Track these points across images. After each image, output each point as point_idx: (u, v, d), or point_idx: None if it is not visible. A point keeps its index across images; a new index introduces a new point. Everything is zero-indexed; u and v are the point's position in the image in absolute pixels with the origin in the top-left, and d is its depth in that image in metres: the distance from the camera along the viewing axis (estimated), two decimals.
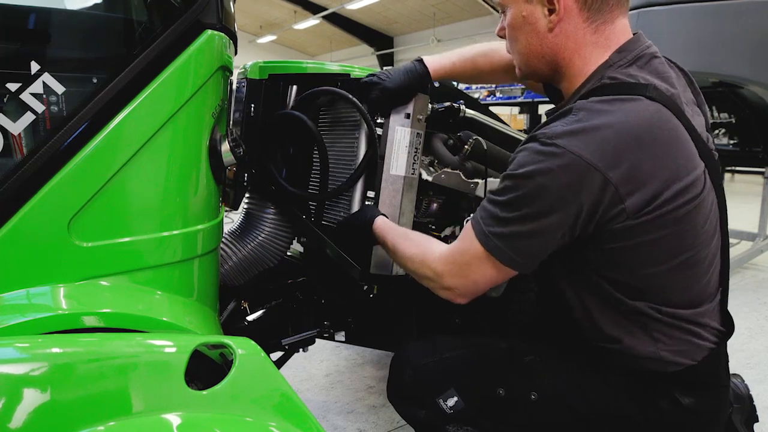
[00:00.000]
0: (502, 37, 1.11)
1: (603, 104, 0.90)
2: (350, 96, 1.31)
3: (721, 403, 1.01)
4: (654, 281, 0.94)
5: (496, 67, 1.39)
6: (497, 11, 1.11)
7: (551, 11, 0.97)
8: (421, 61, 1.32)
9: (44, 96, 0.87)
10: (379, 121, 1.31)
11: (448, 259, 1.02)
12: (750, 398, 1.19)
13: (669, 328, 0.95)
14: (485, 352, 1.12)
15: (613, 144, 0.86)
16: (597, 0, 0.95)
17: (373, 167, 1.31)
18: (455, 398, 1.06)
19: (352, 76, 1.42)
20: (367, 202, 1.32)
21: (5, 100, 0.86)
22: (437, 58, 1.35)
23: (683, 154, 0.91)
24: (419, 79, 1.30)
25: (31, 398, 0.72)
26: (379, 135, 1.30)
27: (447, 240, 1.46)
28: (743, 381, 1.22)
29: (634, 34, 1.00)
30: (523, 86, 10.05)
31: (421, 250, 1.08)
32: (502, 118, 1.97)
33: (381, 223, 1.21)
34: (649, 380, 0.97)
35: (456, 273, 1.00)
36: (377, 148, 1.30)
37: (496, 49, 1.37)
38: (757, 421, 1.18)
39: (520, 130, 2.05)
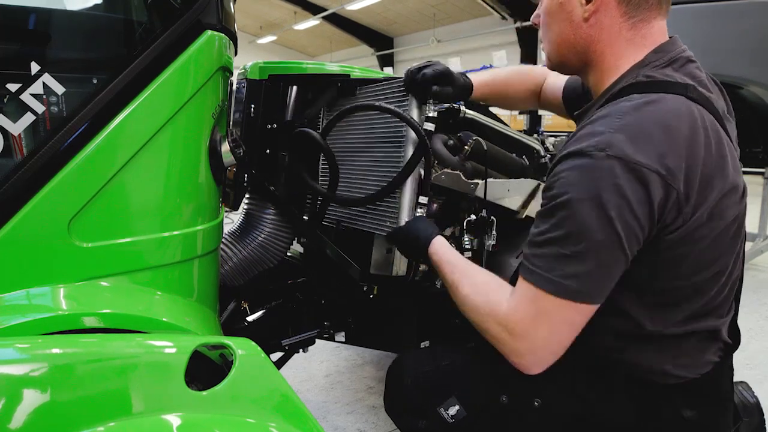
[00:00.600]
0: (537, 24, 1.09)
1: (646, 105, 0.87)
2: (392, 108, 1.25)
3: (725, 416, 0.99)
4: (686, 292, 0.90)
5: (528, 86, 1.42)
6: (498, 12, 1.11)
7: (588, 0, 0.95)
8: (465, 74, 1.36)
9: (44, 96, 0.87)
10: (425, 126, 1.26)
11: (518, 310, 0.91)
12: (759, 410, 1.14)
13: (678, 341, 0.92)
14: (487, 358, 1.05)
15: (668, 144, 0.83)
16: None
17: (428, 172, 1.26)
18: (456, 407, 1.02)
19: (352, 77, 1.42)
20: (419, 210, 1.27)
21: (5, 100, 0.86)
22: (477, 74, 1.39)
23: (728, 155, 0.89)
24: (462, 86, 1.34)
25: (32, 399, 0.72)
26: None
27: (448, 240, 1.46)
28: (751, 389, 1.17)
29: (670, 38, 0.99)
30: None
31: (489, 296, 0.97)
32: (502, 118, 1.97)
33: (438, 247, 1.12)
34: (652, 390, 0.95)
35: (532, 334, 0.90)
36: (429, 151, 1.24)
37: (531, 70, 1.40)
38: None
39: (520, 131, 2.04)
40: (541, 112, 10.55)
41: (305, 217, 1.49)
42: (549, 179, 0.93)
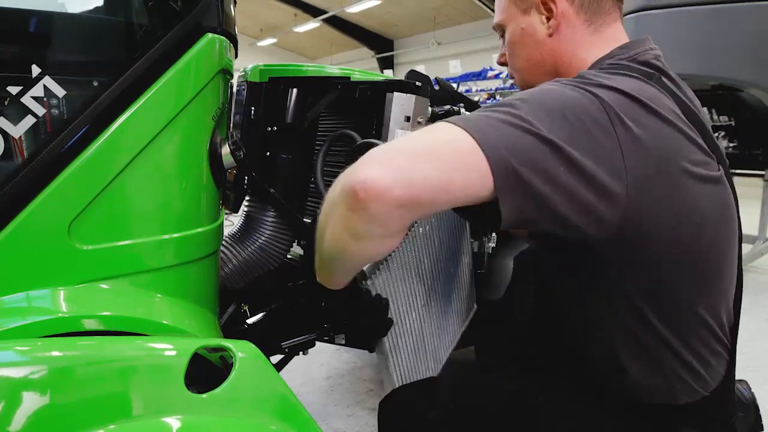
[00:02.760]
0: (503, 63, 1.10)
1: (604, 72, 0.84)
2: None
3: None
4: (684, 290, 0.83)
5: None
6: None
7: (548, 17, 0.98)
8: None
9: (45, 99, 0.87)
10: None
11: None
12: (755, 406, 1.13)
13: (686, 354, 0.87)
14: (494, 398, 1.00)
15: (627, 105, 0.76)
16: (591, 4, 0.95)
17: None
18: None
19: (352, 80, 1.42)
20: None
21: (6, 103, 0.86)
22: None
23: (690, 134, 0.80)
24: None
25: (31, 402, 0.72)
26: None
27: None
28: (749, 387, 1.16)
29: (643, 39, 0.97)
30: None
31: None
32: None
33: None
34: (655, 415, 0.91)
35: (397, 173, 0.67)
36: None
37: None
38: (762, 429, 1.15)
39: None
40: None
41: (306, 220, 1.49)
42: None
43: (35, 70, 0.87)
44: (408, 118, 1.31)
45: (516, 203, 0.69)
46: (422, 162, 0.67)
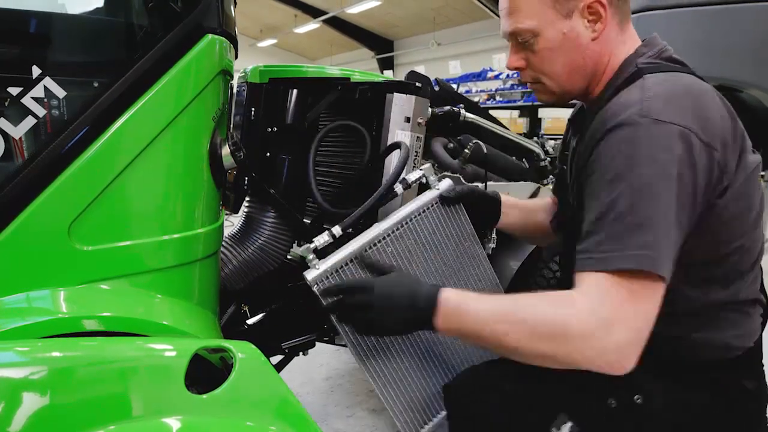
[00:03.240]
0: (519, 68, 1.05)
1: (668, 78, 0.92)
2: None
3: None
4: (729, 261, 0.93)
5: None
6: (498, 16, 1.10)
7: (594, 20, 0.97)
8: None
9: (45, 100, 0.88)
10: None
11: (606, 298, 0.81)
12: None
13: (733, 311, 0.95)
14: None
15: (701, 110, 0.87)
16: (622, 8, 0.99)
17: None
18: (569, 423, 0.92)
19: (352, 80, 1.42)
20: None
21: (6, 104, 0.86)
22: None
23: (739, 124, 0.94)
24: (493, 200, 1.27)
25: (31, 402, 0.72)
26: None
27: None
28: None
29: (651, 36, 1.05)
30: (522, 90, 10.09)
31: (552, 297, 0.86)
32: (502, 121, 1.97)
33: (451, 310, 0.91)
34: (718, 367, 0.96)
35: (632, 317, 0.81)
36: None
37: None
38: None
39: (520, 134, 2.05)
40: (540, 114, 10.57)
41: (306, 220, 1.49)
42: (592, 161, 0.90)
43: (36, 71, 0.87)
44: (408, 119, 1.31)
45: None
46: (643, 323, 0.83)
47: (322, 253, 1.03)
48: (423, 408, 1.10)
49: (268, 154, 1.43)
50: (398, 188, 1.16)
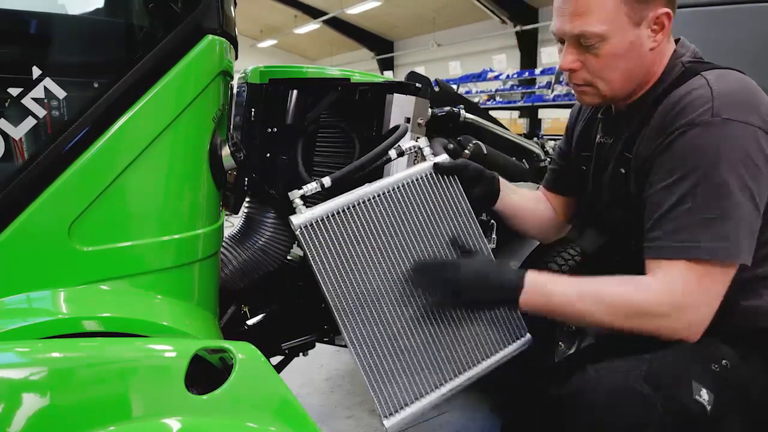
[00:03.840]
0: (574, 68, 1.06)
1: (723, 75, 1.00)
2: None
3: None
4: None
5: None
6: (497, 16, 1.13)
7: (656, 31, 1.02)
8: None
9: (45, 101, 0.88)
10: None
11: (676, 285, 0.93)
12: None
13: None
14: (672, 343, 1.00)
15: (760, 104, 0.96)
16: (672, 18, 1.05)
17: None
18: (704, 390, 0.94)
19: (352, 81, 1.42)
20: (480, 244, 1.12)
21: (7, 104, 0.86)
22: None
23: None
24: (490, 179, 1.25)
25: (31, 403, 0.72)
26: None
27: None
28: None
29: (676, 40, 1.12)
30: (522, 91, 10.08)
31: (628, 281, 0.97)
32: (502, 122, 1.97)
33: (537, 289, 0.99)
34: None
35: (700, 300, 0.93)
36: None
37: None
38: None
39: (520, 135, 2.05)
40: (540, 115, 10.57)
41: None
42: (665, 157, 0.97)
43: (36, 72, 0.87)
44: (408, 120, 1.31)
45: None
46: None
47: (311, 204, 1.05)
48: (406, 384, 1.05)
49: (268, 154, 1.43)
50: (392, 153, 1.15)
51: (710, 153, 0.92)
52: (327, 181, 1.09)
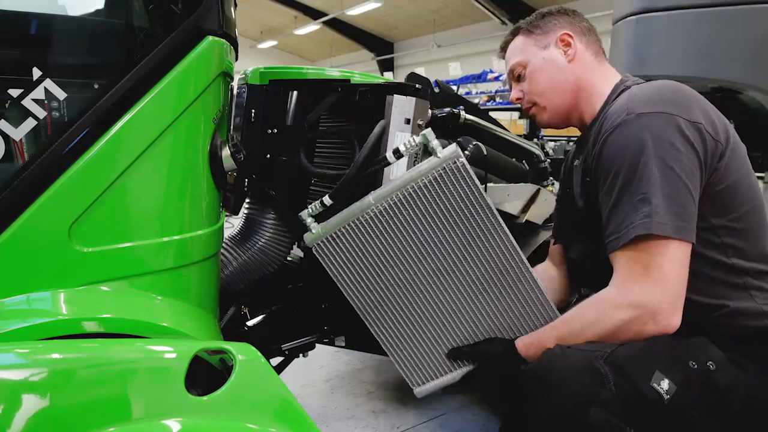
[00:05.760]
0: (519, 98, 1.31)
1: (645, 83, 1.11)
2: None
3: None
4: (745, 225, 1.04)
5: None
6: (497, 17, 1.21)
7: (566, 49, 1.24)
8: None
9: (46, 102, 0.88)
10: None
11: (626, 283, 1.00)
12: None
13: (759, 282, 1.05)
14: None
15: (681, 97, 1.04)
16: (592, 42, 1.26)
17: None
18: (666, 380, 0.96)
19: (352, 82, 1.42)
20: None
21: (7, 105, 0.86)
22: None
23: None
24: None
25: (31, 404, 0.72)
26: None
27: None
28: None
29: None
30: None
31: (592, 306, 1.04)
32: (502, 123, 1.97)
33: (526, 344, 1.11)
34: (761, 337, 1.02)
35: (650, 285, 0.97)
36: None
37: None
38: None
39: (520, 135, 2.05)
40: None
41: None
42: (598, 165, 1.07)
43: (36, 73, 0.87)
44: (408, 121, 1.31)
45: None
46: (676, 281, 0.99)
47: (320, 219, 1.08)
48: (429, 365, 1.13)
49: (269, 155, 1.43)
50: (390, 157, 1.12)
51: (629, 146, 1.01)
52: (327, 199, 1.09)
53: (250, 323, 1.51)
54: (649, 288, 0.98)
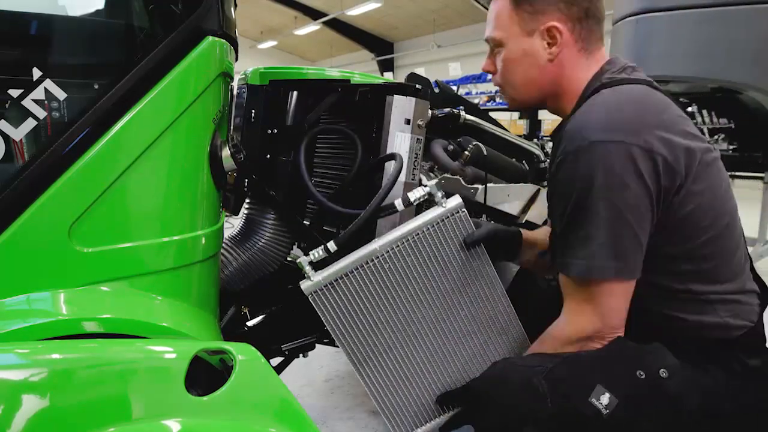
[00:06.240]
0: (490, 71, 1.18)
1: (614, 93, 1.01)
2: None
3: None
4: (711, 249, 1.00)
5: None
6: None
7: (551, 44, 1.08)
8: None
9: (46, 102, 0.88)
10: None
11: (573, 318, 1.03)
12: None
13: (722, 301, 1.02)
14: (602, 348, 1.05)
15: (640, 119, 0.96)
16: (587, 31, 1.08)
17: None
18: (607, 395, 0.95)
19: (352, 82, 1.42)
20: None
21: (7, 106, 0.86)
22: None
23: (692, 124, 1.02)
24: (512, 239, 1.31)
25: (31, 404, 0.72)
26: None
27: None
28: None
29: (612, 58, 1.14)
30: None
31: (546, 343, 1.07)
32: (502, 123, 1.97)
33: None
34: (722, 347, 1.02)
35: (595, 318, 1.00)
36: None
37: None
38: None
39: (520, 136, 2.05)
40: (541, 116, 10.57)
41: (306, 222, 1.49)
42: (553, 184, 1.04)
43: (36, 73, 0.87)
44: (408, 121, 1.31)
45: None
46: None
47: (321, 264, 1.05)
48: (416, 412, 1.11)
49: (269, 156, 1.43)
50: (398, 205, 1.10)
51: (578, 179, 0.96)
52: (332, 245, 1.07)
53: (250, 323, 1.51)
54: (595, 320, 1.00)
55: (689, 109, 3.67)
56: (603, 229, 0.95)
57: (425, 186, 1.08)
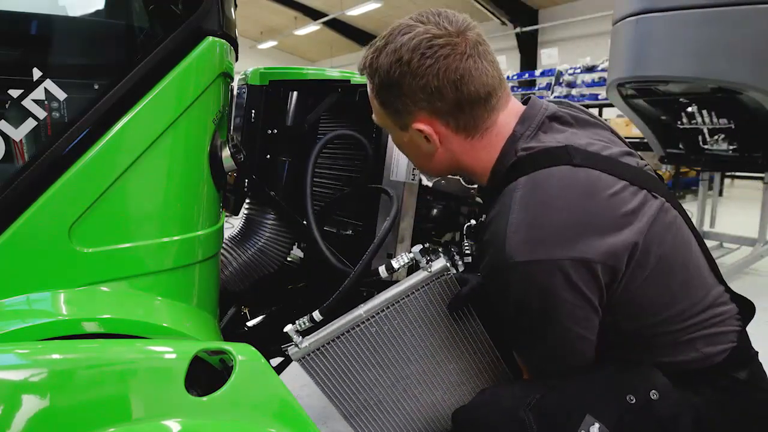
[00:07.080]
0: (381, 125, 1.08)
1: (534, 190, 0.90)
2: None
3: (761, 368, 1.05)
4: (665, 311, 0.95)
5: None
6: (497, 18, 1.11)
7: (428, 140, 0.99)
8: None
9: (46, 102, 0.88)
10: None
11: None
12: None
13: (699, 337, 0.97)
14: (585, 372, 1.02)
15: (569, 228, 0.87)
16: (467, 118, 0.96)
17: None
18: (597, 424, 0.93)
19: (352, 82, 1.42)
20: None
21: (7, 106, 0.86)
22: None
23: (626, 196, 0.91)
24: None
25: (31, 405, 0.72)
26: None
27: (447, 245, 1.46)
28: None
29: (527, 101, 1.03)
30: (522, 92, 10.06)
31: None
32: None
33: None
34: (710, 371, 0.99)
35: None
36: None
37: None
38: None
39: None
40: None
41: (305, 222, 1.49)
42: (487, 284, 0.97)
43: (36, 74, 0.87)
44: None
45: None
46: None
47: (308, 330, 1.07)
48: None
49: (269, 156, 1.43)
50: (382, 272, 1.10)
51: (513, 303, 0.91)
52: (317, 315, 1.08)
53: (250, 323, 1.51)
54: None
55: (689, 109, 3.66)
56: (545, 339, 0.95)
57: (410, 252, 1.07)
